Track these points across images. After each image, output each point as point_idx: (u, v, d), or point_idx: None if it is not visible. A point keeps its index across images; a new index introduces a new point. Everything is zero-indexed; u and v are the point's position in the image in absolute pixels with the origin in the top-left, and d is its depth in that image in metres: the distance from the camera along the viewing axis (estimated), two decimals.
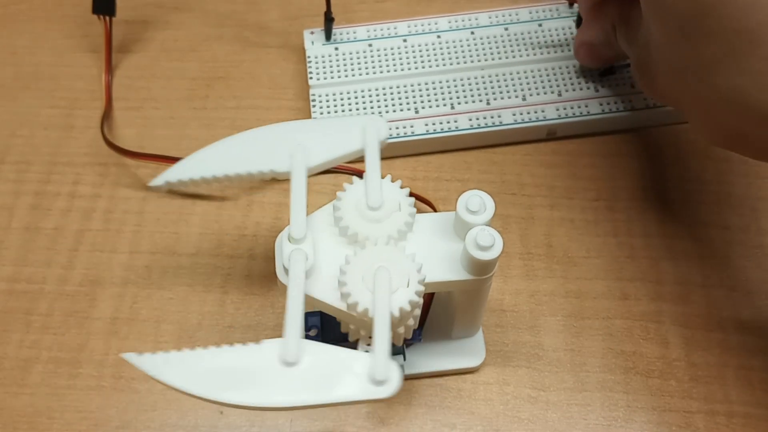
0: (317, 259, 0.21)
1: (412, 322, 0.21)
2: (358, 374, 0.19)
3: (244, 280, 0.28)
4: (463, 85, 0.31)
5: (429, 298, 0.25)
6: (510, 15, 0.33)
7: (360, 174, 0.22)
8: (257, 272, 0.28)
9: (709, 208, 0.29)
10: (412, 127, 0.30)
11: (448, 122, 0.30)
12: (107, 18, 0.32)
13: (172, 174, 0.22)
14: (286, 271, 0.20)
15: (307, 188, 0.22)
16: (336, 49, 0.32)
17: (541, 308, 0.27)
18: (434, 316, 0.25)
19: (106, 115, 0.31)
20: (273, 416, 0.25)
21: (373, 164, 0.22)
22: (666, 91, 0.25)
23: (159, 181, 0.22)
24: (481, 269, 0.21)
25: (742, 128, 0.22)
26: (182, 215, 0.29)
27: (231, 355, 0.19)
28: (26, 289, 0.28)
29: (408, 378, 0.26)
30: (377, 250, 0.21)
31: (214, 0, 0.35)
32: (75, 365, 0.26)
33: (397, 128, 0.30)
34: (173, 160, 0.29)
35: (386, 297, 0.20)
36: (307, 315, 0.24)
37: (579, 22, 0.32)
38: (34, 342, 0.27)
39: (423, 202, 0.29)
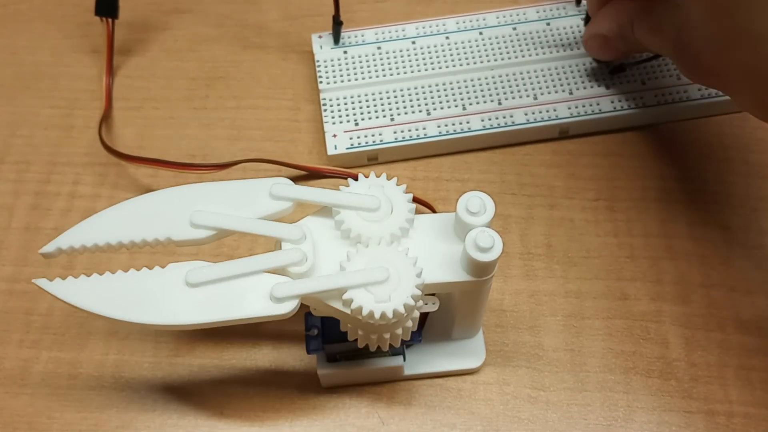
0: (317, 259, 0.21)
1: (410, 324, 0.21)
2: (260, 294, 0.20)
3: None
4: (473, 86, 0.31)
5: None
6: (518, 14, 0.33)
7: (355, 177, 0.22)
8: None
9: (709, 208, 0.29)
10: (424, 129, 0.30)
11: (461, 123, 0.30)
12: (109, 20, 0.32)
13: (64, 241, 0.21)
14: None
15: (254, 221, 0.21)
16: (345, 52, 0.32)
17: (541, 308, 0.27)
18: (434, 317, 0.25)
19: (105, 118, 0.31)
20: (273, 417, 0.25)
21: (318, 197, 0.21)
22: (712, 70, 0.25)
23: (50, 247, 0.21)
24: (481, 270, 0.21)
25: None
26: None
27: (138, 276, 0.21)
28: (26, 289, 0.28)
29: (408, 379, 0.26)
30: (377, 249, 0.21)
31: (214, 0, 0.35)
32: (75, 365, 0.26)
33: (410, 131, 0.30)
34: (168, 164, 0.29)
35: (356, 280, 0.20)
36: (308, 315, 0.24)
37: (587, 20, 0.32)
38: (34, 342, 0.27)
39: (422, 205, 0.29)
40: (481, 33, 0.33)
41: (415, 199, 0.22)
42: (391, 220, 0.21)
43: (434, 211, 0.29)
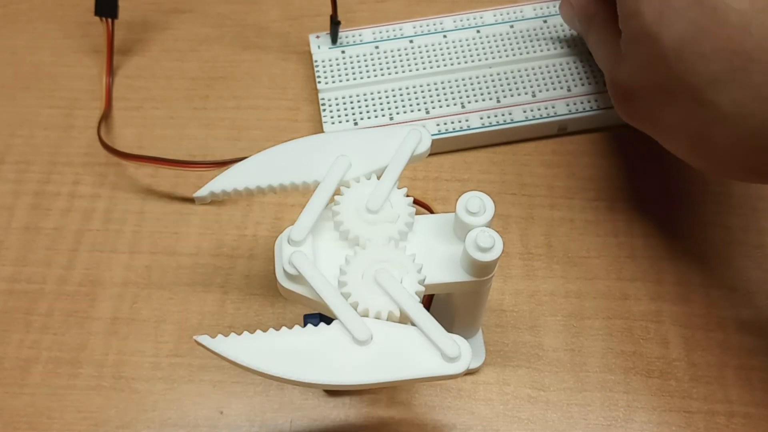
0: (317, 260, 0.21)
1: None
2: (431, 351, 0.19)
3: (244, 280, 0.28)
4: (472, 84, 0.31)
5: (429, 300, 0.25)
6: (515, 12, 0.33)
7: None
8: (257, 272, 0.28)
9: (709, 208, 0.29)
10: (423, 127, 0.30)
11: (460, 121, 0.30)
12: (109, 20, 0.32)
13: (217, 185, 0.22)
14: (286, 273, 0.20)
15: (329, 197, 0.21)
16: (343, 52, 0.32)
17: (541, 308, 0.27)
18: (434, 318, 0.25)
19: (105, 118, 0.31)
20: (273, 416, 0.25)
21: (393, 170, 0.22)
22: (647, 115, 0.25)
23: (204, 192, 0.22)
24: (481, 271, 0.21)
25: (740, 146, 0.22)
26: (182, 215, 0.29)
27: (301, 337, 0.20)
28: (26, 289, 0.28)
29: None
30: (377, 250, 0.21)
31: (214, 0, 0.35)
32: (75, 365, 0.26)
33: None
34: (169, 162, 0.29)
35: (400, 287, 0.20)
36: (307, 317, 0.24)
37: None
38: (34, 342, 0.27)
39: (421, 206, 0.29)
40: (478, 31, 0.33)
41: (414, 201, 0.22)
42: (391, 222, 0.21)
43: (432, 212, 0.29)
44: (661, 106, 0.24)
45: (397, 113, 0.30)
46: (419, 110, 0.31)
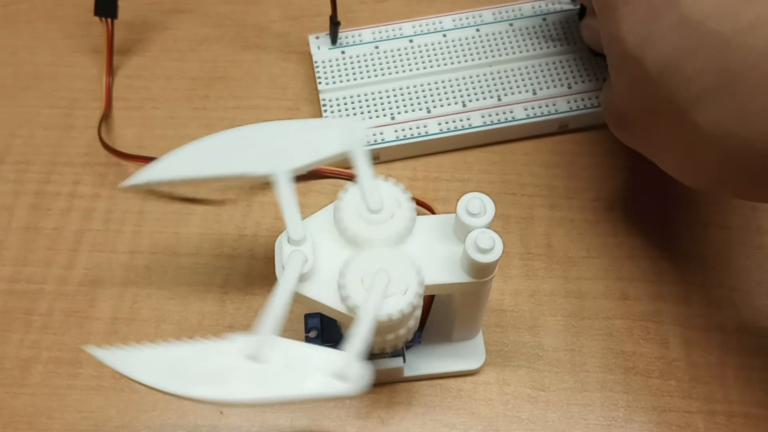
0: (317, 260, 0.21)
1: (413, 323, 0.21)
2: (325, 371, 0.19)
3: (244, 280, 0.28)
4: (473, 83, 0.31)
5: (429, 301, 0.25)
6: (513, 11, 0.33)
7: (350, 177, 0.22)
8: (257, 272, 0.28)
9: (709, 208, 0.29)
10: (425, 127, 0.30)
11: (461, 120, 0.30)
12: (109, 20, 0.32)
13: (146, 175, 0.22)
14: None
15: (294, 190, 0.21)
16: (342, 52, 0.32)
17: (541, 308, 0.27)
18: (434, 319, 0.25)
19: (105, 118, 0.31)
20: (273, 417, 0.25)
21: (363, 168, 0.22)
22: (639, 136, 0.25)
23: (132, 181, 0.22)
24: (481, 272, 0.21)
25: (724, 165, 0.22)
26: (182, 215, 0.29)
27: (196, 349, 0.19)
28: (26, 289, 0.28)
29: (407, 380, 0.26)
30: (377, 252, 0.21)
31: (214, 0, 0.35)
32: (75, 365, 0.26)
33: (411, 129, 0.30)
34: None
35: (378, 299, 0.20)
36: (307, 317, 0.24)
37: (581, 15, 0.32)
38: (34, 342, 0.27)
39: (422, 206, 0.29)
40: (478, 30, 0.33)
41: (415, 201, 0.22)
42: (391, 222, 0.21)
43: (433, 213, 0.29)
44: (650, 127, 0.24)
45: (398, 113, 0.30)
46: (420, 110, 0.31)
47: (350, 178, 0.29)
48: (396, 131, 0.30)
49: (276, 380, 0.19)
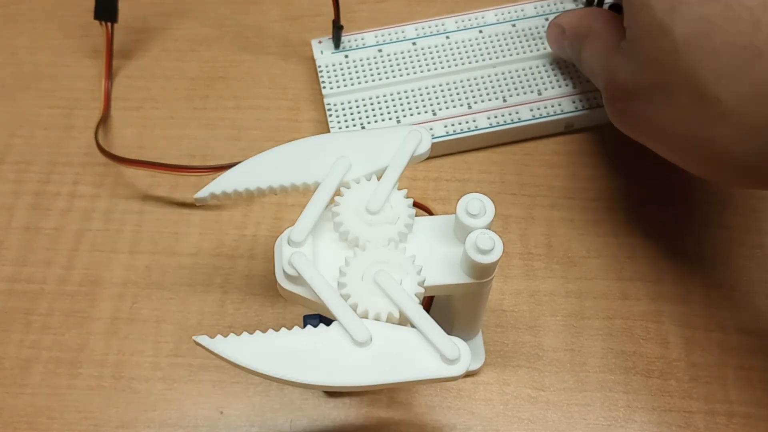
0: (317, 261, 0.21)
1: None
2: (430, 353, 0.19)
3: (244, 280, 0.28)
4: (477, 84, 0.31)
5: (428, 301, 0.25)
6: (516, 11, 0.33)
7: None
8: (257, 272, 0.28)
9: (709, 208, 0.29)
10: (431, 129, 0.30)
11: (467, 122, 0.30)
12: (109, 24, 0.32)
13: (217, 186, 0.22)
14: (285, 274, 0.20)
15: (329, 198, 0.21)
16: (346, 56, 0.32)
17: (541, 308, 0.27)
18: (434, 319, 0.25)
19: (103, 122, 0.31)
20: (273, 417, 0.25)
21: (393, 171, 0.22)
22: (643, 117, 0.25)
23: (204, 193, 0.22)
24: (481, 272, 0.21)
25: (737, 145, 0.22)
26: (182, 215, 0.29)
27: (300, 337, 0.20)
28: (26, 289, 0.28)
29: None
30: (377, 251, 0.21)
31: (214, 0, 0.35)
32: (75, 365, 0.26)
33: None
34: (165, 167, 0.29)
35: (400, 290, 0.20)
36: (307, 317, 0.24)
37: None
38: (34, 342, 0.27)
39: (421, 209, 0.29)
40: (480, 31, 0.33)
41: (414, 203, 0.22)
42: (391, 223, 0.21)
43: (431, 214, 0.29)
44: (659, 105, 0.24)
45: (404, 116, 0.30)
46: (426, 112, 0.31)
47: None
48: None
49: (384, 363, 0.19)
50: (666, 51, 0.23)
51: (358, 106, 0.31)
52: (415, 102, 0.31)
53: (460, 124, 0.30)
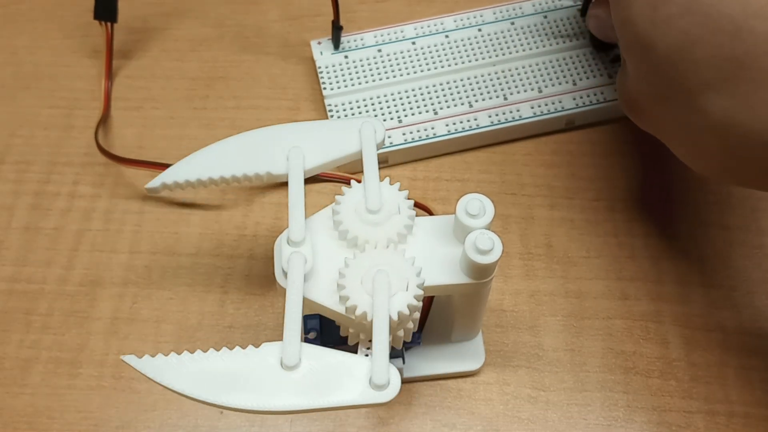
0: (316, 262, 0.21)
1: (412, 326, 0.21)
2: (358, 378, 0.19)
3: (244, 280, 0.28)
4: (478, 83, 0.31)
5: (428, 302, 0.25)
6: (514, 9, 0.33)
7: (348, 180, 0.22)
8: (257, 272, 0.28)
9: (709, 208, 0.29)
10: (433, 128, 0.30)
11: (468, 121, 0.30)
12: (109, 24, 0.32)
13: (168, 176, 0.22)
14: (285, 274, 0.20)
15: (304, 190, 0.22)
16: (345, 57, 0.32)
17: (541, 308, 0.27)
18: (434, 320, 0.25)
19: (103, 122, 0.31)
20: (273, 417, 0.25)
21: (370, 166, 0.22)
22: (652, 120, 0.25)
23: (155, 183, 0.23)
24: (481, 273, 0.21)
25: (730, 154, 0.22)
26: (182, 215, 0.30)
27: (230, 358, 0.19)
28: (26, 289, 0.28)
29: (407, 381, 0.26)
30: (376, 253, 0.21)
31: (214, 0, 0.35)
32: (75, 365, 0.26)
33: (419, 131, 0.30)
34: (165, 167, 0.29)
35: (385, 301, 0.20)
36: (306, 318, 0.24)
37: (584, 11, 0.32)
38: (34, 342, 0.27)
39: (421, 209, 0.29)
40: (479, 30, 0.33)
41: (414, 203, 0.22)
42: (391, 223, 0.21)
43: (431, 214, 0.29)
44: (661, 113, 0.24)
45: (405, 116, 0.30)
46: (427, 111, 0.31)
47: (347, 181, 0.29)
48: (404, 134, 0.30)
49: (310, 389, 0.19)
50: (653, 65, 0.23)
51: (358, 107, 0.31)
52: (416, 101, 0.31)
53: (461, 122, 0.30)
